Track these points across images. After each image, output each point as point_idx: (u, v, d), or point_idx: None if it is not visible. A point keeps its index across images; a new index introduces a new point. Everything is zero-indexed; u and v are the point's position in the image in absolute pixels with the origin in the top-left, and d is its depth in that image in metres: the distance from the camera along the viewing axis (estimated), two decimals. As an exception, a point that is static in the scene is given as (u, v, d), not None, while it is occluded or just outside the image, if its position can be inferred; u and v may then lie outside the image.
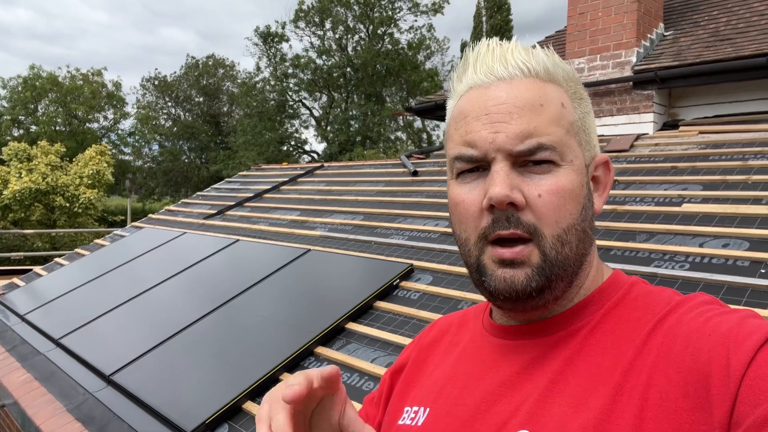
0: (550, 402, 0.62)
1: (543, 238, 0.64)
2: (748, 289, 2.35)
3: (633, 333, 0.63)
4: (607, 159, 0.74)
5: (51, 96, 31.21)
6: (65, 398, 3.08)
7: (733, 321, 0.57)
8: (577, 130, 0.69)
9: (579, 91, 0.72)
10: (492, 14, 23.99)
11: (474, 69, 0.70)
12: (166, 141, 32.96)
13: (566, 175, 0.65)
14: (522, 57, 0.68)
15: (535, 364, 0.67)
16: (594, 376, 0.61)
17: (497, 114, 0.65)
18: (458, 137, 0.68)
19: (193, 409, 2.59)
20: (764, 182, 3.17)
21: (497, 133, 0.64)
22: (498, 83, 0.67)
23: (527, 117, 0.65)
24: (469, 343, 0.79)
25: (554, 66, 0.69)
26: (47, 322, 4.11)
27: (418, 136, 29.11)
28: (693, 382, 0.54)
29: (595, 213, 0.72)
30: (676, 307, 0.63)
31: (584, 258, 0.69)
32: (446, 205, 4.28)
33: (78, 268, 5.31)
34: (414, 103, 6.98)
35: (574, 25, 5.01)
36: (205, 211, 6.29)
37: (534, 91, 0.66)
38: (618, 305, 0.68)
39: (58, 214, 15.42)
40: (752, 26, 4.51)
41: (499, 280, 0.65)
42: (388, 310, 3.06)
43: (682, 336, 0.58)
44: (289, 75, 27.43)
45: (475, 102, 0.68)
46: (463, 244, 0.70)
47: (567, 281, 0.67)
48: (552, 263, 0.64)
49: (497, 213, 0.64)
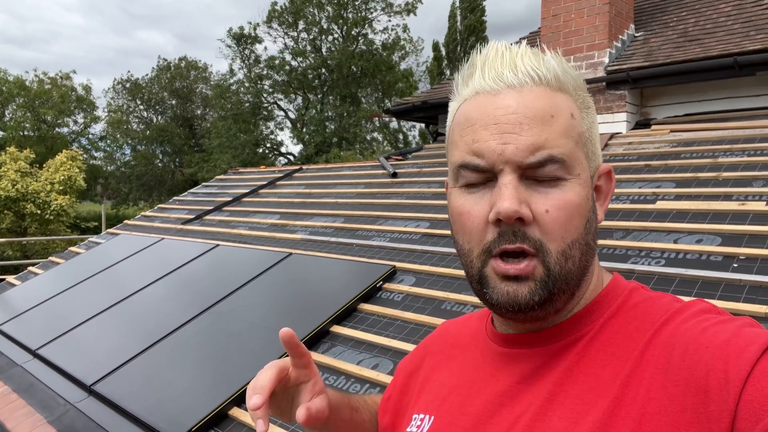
0: (549, 414, 0.62)
1: (548, 254, 0.63)
2: (722, 283, 2.43)
3: (631, 344, 0.62)
4: (610, 169, 0.73)
5: (18, 101, 30.45)
6: (45, 410, 3.03)
7: (730, 331, 0.56)
8: (584, 142, 0.67)
9: (586, 100, 0.70)
10: (466, 15, 24.16)
11: (482, 73, 0.67)
12: (139, 145, 32.42)
13: (573, 189, 0.64)
14: (532, 63, 0.66)
15: (535, 375, 0.67)
16: (593, 390, 0.61)
17: (507, 124, 0.63)
18: (464, 145, 0.66)
19: (178, 416, 2.57)
20: (734, 179, 3.27)
21: (507, 144, 0.62)
22: (507, 91, 0.65)
23: (538, 128, 0.62)
24: (472, 350, 0.79)
25: (564, 74, 0.67)
26: (23, 332, 4.03)
27: (394, 137, 29.17)
28: (691, 396, 0.54)
29: (597, 223, 0.70)
30: (673, 316, 0.62)
31: (586, 270, 0.68)
32: (427, 206, 4.33)
33: (54, 276, 5.21)
34: (391, 104, 7.00)
35: (548, 26, 5.09)
36: (182, 216, 6.22)
37: (545, 101, 0.64)
38: (617, 314, 0.67)
39: (29, 222, 15.05)
40: (719, 27, 4.64)
41: (502, 293, 0.64)
42: (372, 312, 3.08)
43: (679, 347, 0.57)
44: (263, 77, 27.23)
45: (482, 109, 0.65)
46: (465, 254, 0.68)
47: (569, 294, 0.66)
48: (555, 278, 0.63)
49: (503, 227, 0.63)
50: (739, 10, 4.77)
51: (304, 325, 3.02)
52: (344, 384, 2.56)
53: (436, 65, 25.71)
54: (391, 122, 28.33)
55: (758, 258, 2.51)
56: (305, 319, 3.09)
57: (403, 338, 2.76)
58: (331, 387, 1.02)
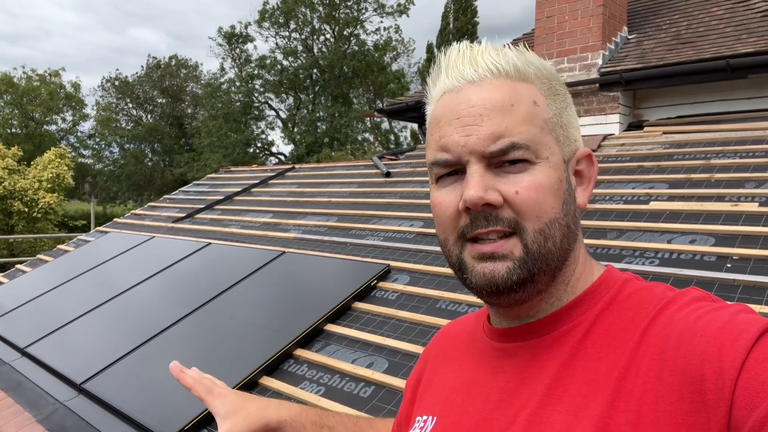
0: (549, 409, 0.62)
1: (525, 232, 0.64)
2: (716, 283, 2.44)
3: (627, 335, 0.62)
4: (590, 152, 0.74)
5: (6, 98, 30.12)
6: (34, 409, 2.99)
7: (724, 318, 0.56)
8: (552, 127, 0.68)
9: (554, 86, 0.71)
10: (458, 16, 24.23)
11: (446, 73, 0.70)
12: (129, 143, 32.19)
13: (543, 172, 0.65)
14: (492, 58, 0.68)
15: (531, 368, 0.67)
16: (592, 382, 0.61)
17: (468, 117, 0.65)
18: (434, 142, 0.69)
19: (170, 415, 2.54)
20: (727, 180, 3.29)
21: (469, 136, 0.65)
22: (468, 86, 0.67)
23: (497, 118, 0.65)
24: (471, 349, 0.79)
25: (525, 64, 0.69)
26: (12, 330, 3.97)
27: (386, 137, 29.19)
28: (687, 385, 0.54)
29: (580, 208, 0.71)
30: (668, 305, 0.62)
31: (569, 253, 0.68)
32: (420, 205, 4.33)
33: (43, 274, 5.15)
34: (384, 104, 7.00)
35: (542, 28, 5.11)
36: (173, 215, 6.17)
37: (504, 91, 0.66)
38: (611, 304, 0.67)
39: (16, 220, 14.88)
40: (712, 30, 4.68)
41: (479, 275, 0.66)
42: (367, 311, 3.06)
43: (674, 336, 0.58)
44: (254, 76, 27.13)
45: (447, 106, 0.68)
46: (443, 244, 0.71)
47: (550, 275, 0.67)
48: (534, 257, 0.64)
49: (474, 214, 0.65)
50: (732, 14, 4.81)
51: (298, 323, 3.00)
52: (339, 383, 2.55)
53: (428, 66, 25.69)
54: (383, 123, 28.36)
55: (751, 258, 2.53)
56: (299, 317, 3.07)
57: (398, 337, 2.74)
58: (309, 406, 1.03)
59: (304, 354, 2.82)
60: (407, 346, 2.62)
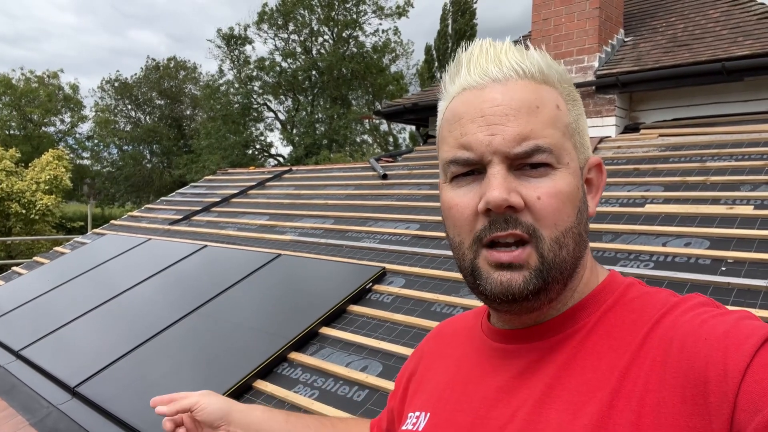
0: (547, 407, 0.62)
1: (541, 240, 0.63)
2: (711, 286, 2.43)
3: (629, 336, 0.62)
4: (600, 161, 0.74)
5: (4, 99, 30.10)
6: (28, 412, 2.98)
7: (728, 323, 0.56)
8: (572, 132, 0.68)
9: (572, 92, 0.71)
10: (457, 18, 24.25)
11: (467, 70, 0.68)
12: (127, 145, 32.16)
13: (563, 178, 0.64)
14: (516, 58, 0.67)
15: (532, 369, 0.66)
16: (591, 381, 0.60)
17: (493, 116, 0.64)
18: (453, 140, 0.67)
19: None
20: (722, 183, 3.29)
21: (494, 135, 0.63)
22: (493, 84, 0.65)
23: (524, 119, 0.63)
24: (468, 348, 0.78)
25: (548, 67, 0.68)
26: (6, 333, 3.96)
27: (384, 139, 29.17)
28: (690, 388, 0.54)
29: (590, 216, 0.71)
30: (671, 309, 0.62)
31: (579, 261, 0.68)
32: (417, 207, 4.32)
33: (38, 276, 5.14)
34: (382, 106, 7.00)
35: (539, 30, 5.12)
36: (170, 217, 6.16)
37: (529, 92, 0.65)
38: (613, 307, 0.67)
39: (13, 222, 14.85)
40: (708, 32, 4.69)
41: (496, 283, 0.64)
42: (362, 314, 3.06)
43: (678, 339, 0.58)
44: (253, 78, 27.13)
45: (469, 104, 0.66)
46: (456, 247, 0.68)
47: (562, 284, 0.66)
48: (549, 266, 0.63)
49: (494, 216, 0.63)
50: (728, 16, 4.81)
51: (293, 326, 3.00)
52: (333, 386, 2.54)
53: (427, 68, 25.75)
54: (381, 124, 28.36)
55: (746, 261, 2.52)
56: (294, 320, 3.06)
57: (393, 340, 2.74)
58: (292, 412, 1.05)
59: (298, 357, 2.81)
60: (402, 350, 2.61)
